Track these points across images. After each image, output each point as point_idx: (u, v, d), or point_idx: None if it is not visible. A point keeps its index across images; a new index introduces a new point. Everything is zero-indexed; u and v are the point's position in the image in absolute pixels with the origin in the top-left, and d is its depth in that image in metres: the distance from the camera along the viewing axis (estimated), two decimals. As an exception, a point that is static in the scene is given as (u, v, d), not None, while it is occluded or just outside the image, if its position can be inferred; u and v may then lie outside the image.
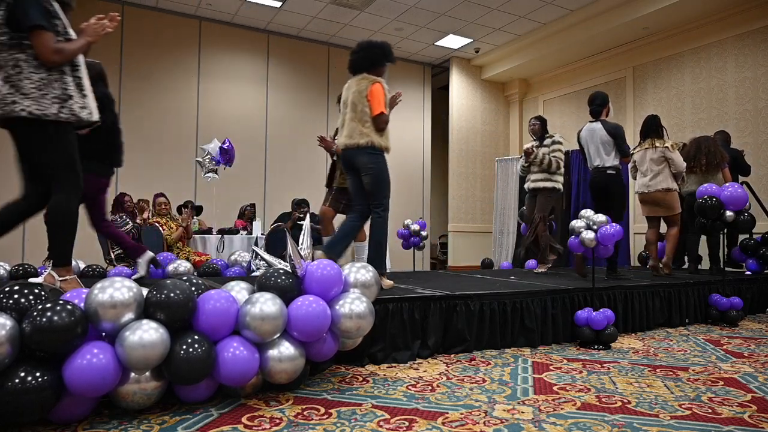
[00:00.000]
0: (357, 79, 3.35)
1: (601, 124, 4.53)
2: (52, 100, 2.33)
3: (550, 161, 4.89)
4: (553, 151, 4.92)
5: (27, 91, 2.29)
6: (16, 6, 2.27)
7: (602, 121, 4.55)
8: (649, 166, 4.81)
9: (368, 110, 3.23)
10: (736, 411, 2.07)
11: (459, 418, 1.96)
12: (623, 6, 7.01)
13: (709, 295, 4.32)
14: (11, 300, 1.80)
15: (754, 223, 4.96)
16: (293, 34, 8.50)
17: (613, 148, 4.47)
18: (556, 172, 4.93)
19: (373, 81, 3.28)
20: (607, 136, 4.46)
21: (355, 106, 3.27)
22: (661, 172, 4.74)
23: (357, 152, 3.25)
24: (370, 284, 2.42)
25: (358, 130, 3.24)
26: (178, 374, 1.92)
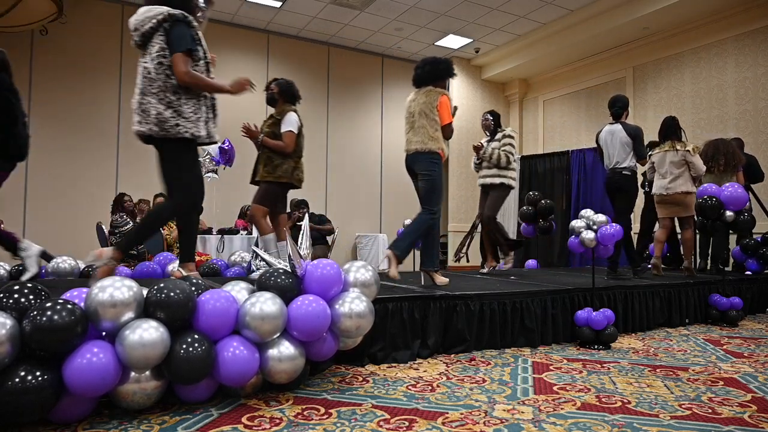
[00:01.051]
0: (424, 91, 3.67)
1: (621, 126, 4.62)
2: (203, 124, 2.71)
3: (499, 156, 4.69)
4: (504, 145, 4.74)
5: (187, 116, 2.64)
6: (172, 29, 2.63)
7: (623, 123, 4.63)
8: (669, 168, 4.84)
9: (437, 119, 3.58)
10: (736, 411, 2.07)
11: (459, 418, 1.96)
12: (623, 6, 7.01)
13: (709, 295, 4.32)
14: (11, 299, 1.80)
15: (754, 223, 4.97)
16: (293, 34, 8.51)
17: (631, 150, 4.55)
18: (508, 168, 4.74)
19: (442, 93, 3.63)
20: (627, 137, 4.54)
21: (426, 115, 3.59)
22: (682, 175, 4.78)
23: (423, 156, 3.59)
24: (369, 283, 2.42)
25: (429, 136, 3.58)
26: (178, 374, 1.92)
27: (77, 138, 6.90)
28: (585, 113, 8.75)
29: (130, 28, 2.77)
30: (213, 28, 8.02)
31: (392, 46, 9.01)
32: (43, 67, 6.83)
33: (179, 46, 2.60)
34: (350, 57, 9.04)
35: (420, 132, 3.61)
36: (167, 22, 2.64)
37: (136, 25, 2.72)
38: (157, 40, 2.64)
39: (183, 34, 2.63)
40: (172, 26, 2.63)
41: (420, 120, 3.61)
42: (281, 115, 3.88)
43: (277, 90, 3.99)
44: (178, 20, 2.65)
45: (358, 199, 9.08)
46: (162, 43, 2.63)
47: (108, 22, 7.25)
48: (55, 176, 6.77)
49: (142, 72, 2.69)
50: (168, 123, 2.59)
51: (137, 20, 2.71)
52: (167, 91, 2.61)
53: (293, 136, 3.84)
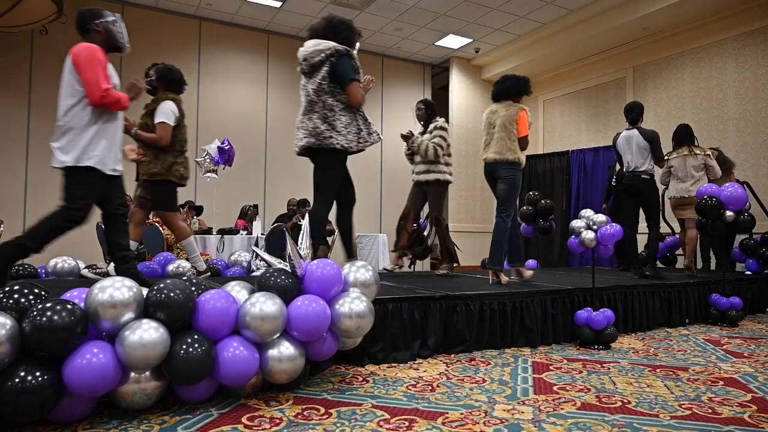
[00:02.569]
0: (504, 105, 4.02)
1: (638, 131, 4.79)
2: (355, 137, 3.15)
3: (427, 148, 4.42)
4: (434, 137, 4.46)
5: (339, 129, 3.08)
6: (338, 62, 3.10)
7: (639, 129, 4.81)
8: (690, 172, 5.05)
9: (516, 132, 3.92)
10: (736, 411, 2.07)
11: (459, 418, 1.96)
12: (623, 6, 7.01)
13: (709, 295, 4.32)
14: (11, 299, 1.80)
15: (754, 223, 4.97)
16: (293, 34, 8.50)
17: (648, 154, 4.73)
18: (440, 162, 4.47)
19: (521, 108, 3.97)
20: (644, 142, 4.71)
21: (506, 127, 3.93)
22: (701, 179, 5.01)
23: (503, 165, 3.93)
24: (369, 283, 2.42)
25: (507, 147, 3.91)
26: (178, 374, 1.92)
27: (77, 138, 6.90)
28: (585, 113, 8.74)
29: (299, 57, 3.24)
30: (213, 28, 8.04)
31: (392, 46, 9.01)
32: (43, 67, 6.83)
33: (348, 76, 3.10)
34: (350, 57, 9.04)
35: (500, 143, 3.95)
36: (334, 56, 3.11)
37: (305, 55, 3.19)
38: (323, 70, 3.12)
39: (348, 66, 3.12)
40: (338, 59, 3.11)
41: (500, 132, 3.96)
42: (156, 104, 3.53)
43: (155, 76, 3.63)
44: (342, 54, 3.13)
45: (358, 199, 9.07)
46: (326, 72, 3.11)
47: (108, 22, 7.25)
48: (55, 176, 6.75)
49: (306, 95, 3.18)
50: (323, 135, 3.07)
51: (307, 52, 3.18)
52: (325, 110, 3.10)
53: (167, 128, 3.47)
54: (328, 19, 3.25)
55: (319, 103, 3.11)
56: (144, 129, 3.53)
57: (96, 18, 2.79)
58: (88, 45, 2.71)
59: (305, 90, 3.20)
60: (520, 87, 4.07)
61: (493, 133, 4.02)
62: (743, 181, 5.77)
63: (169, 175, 3.56)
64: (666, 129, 7.34)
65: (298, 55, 3.25)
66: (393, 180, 9.28)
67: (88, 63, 2.64)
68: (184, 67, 8.05)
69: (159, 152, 3.53)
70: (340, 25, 3.26)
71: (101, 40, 2.80)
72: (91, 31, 2.79)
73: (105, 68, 2.70)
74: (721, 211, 4.36)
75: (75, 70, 2.68)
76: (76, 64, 2.67)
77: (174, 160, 3.58)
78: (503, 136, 3.94)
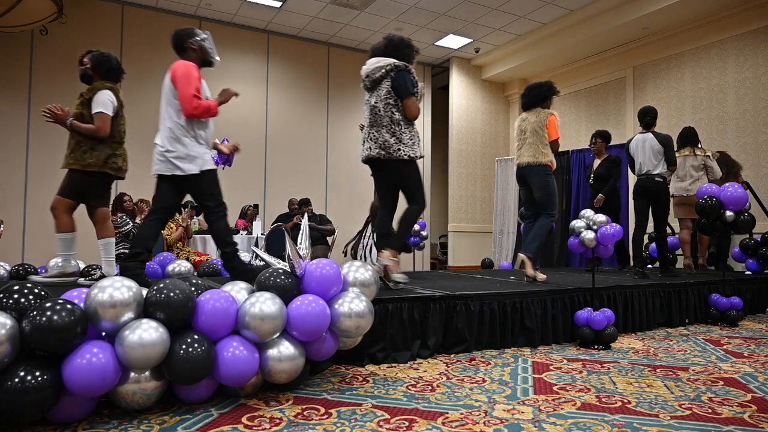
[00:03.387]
0: (534, 112, 4.23)
1: (652, 135, 4.88)
2: (418, 146, 3.38)
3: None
4: None
5: (405, 141, 3.30)
6: (397, 77, 3.28)
7: (654, 133, 4.90)
8: (689, 171, 5.23)
9: (546, 136, 4.13)
10: (736, 411, 2.07)
11: (459, 418, 1.96)
12: (623, 6, 7.01)
13: (709, 295, 4.32)
14: (11, 299, 1.80)
15: (754, 223, 4.97)
16: (293, 34, 8.50)
17: (662, 157, 4.81)
18: None
19: (550, 113, 4.18)
20: (658, 145, 4.80)
21: (537, 132, 4.15)
22: (700, 179, 5.15)
23: (536, 169, 4.15)
24: (369, 283, 2.42)
25: (541, 152, 4.13)
26: (177, 374, 1.92)
27: (77, 138, 6.90)
28: (585, 113, 8.74)
29: (362, 75, 3.46)
30: (213, 28, 8.03)
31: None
32: (43, 67, 6.83)
33: (406, 91, 3.28)
34: (350, 57, 9.03)
35: (532, 148, 4.16)
36: (393, 71, 3.30)
37: (367, 72, 3.41)
38: (385, 85, 3.31)
39: (407, 81, 3.29)
40: (397, 74, 3.29)
41: (531, 137, 4.17)
42: (92, 93, 3.35)
43: (90, 64, 3.42)
44: (401, 70, 3.31)
45: (358, 199, 9.08)
46: (388, 87, 3.30)
47: (108, 22, 7.25)
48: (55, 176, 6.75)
49: (371, 109, 3.39)
50: (391, 147, 3.28)
51: (369, 69, 3.41)
52: (392, 123, 3.29)
53: (107, 118, 3.31)
54: (389, 38, 3.47)
55: (386, 117, 3.31)
56: (79, 119, 3.33)
57: (191, 37, 3.11)
58: (185, 63, 3.01)
59: (369, 104, 3.43)
60: (543, 93, 4.26)
61: (525, 139, 4.24)
62: (743, 181, 5.77)
63: (106, 168, 3.38)
64: (666, 129, 7.33)
65: (361, 73, 3.48)
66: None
67: (183, 79, 2.93)
68: (184, 67, 8.06)
69: (96, 143, 3.33)
70: (400, 43, 3.45)
71: (196, 56, 3.12)
72: (187, 49, 3.11)
73: (198, 83, 2.99)
74: (721, 211, 4.36)
75: (173, 85, 2.97)
76: (173, 79, 2.96)
77: (112, 152, 3.41)
78: (535, 141, 4.15)
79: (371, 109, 3.39)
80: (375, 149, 3.33)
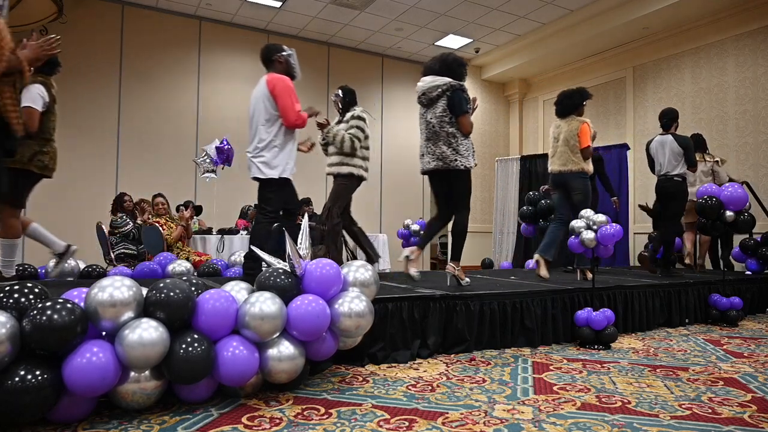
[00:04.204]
0: (567, 120, 4.48)
1: (672, 137, 4.96)
2: (472, 156, 3.59)
3: (343, 139, 4.06)
4: (351, 127, 4.12)
5: (462, 153, 3.52)
6: (453, 95, 3.49)
7: (673, 135, 4.98)
8: (699, 176, 5.47)
9: (578, 144, 4.37)
10: (736, 411, 2.07)
11: (459, 418, 1.96)
12: (623, 6, 7.01)
13: (709, 295, 4.32)
14: (11, 299, 1.80)
15: (754, 223, 4.97)
16: (293, 34, 8.50)
17: (682, 158, 4.88)
18: (355, 155, 4.12)
19: (582, 122, 4.41)
20: (678, 147, 4.88)
21: (568, 141, 4.40)
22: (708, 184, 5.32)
23: (571, 176, 4.41)
24: (369, 283, 2.42)
25: (571, 160, 4.38)
26: (177, 374, 1.92)
27: (77, 138, 6.90)
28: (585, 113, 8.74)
29: (418, 92, 3.64)
30: (213, 28, 8.04)
31: (392, 46, 9.01)
32: (43, 67, 6.82)
33: (461, 109, 3.48)
34: (350, 57, 9.03)
35: (563, 156, 4.42)
36: (449, 90, 3.50)
37: (423, 90, 3.59)
38: (441, 102, 3.51)
39: (462, 99, 3.50)
40: (453, 93, 3.49)
41: (563, 145, 4.44)
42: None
43: None
44: (457, 89, 3.51)
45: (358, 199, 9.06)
46: (444, 105, 3.50)
47: (108, 22, 7.25)
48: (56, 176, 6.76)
49: (427, 124, 3.61)
50: (449, 158, 3.50)
51: (425, 87, 3.58)
52: (449, 137, 3.50)
53: (35, 113, 3.15)
54: (442, 59, 3.64)
55: (443, 132, 3.53)
56: None
57: (279, 51, 3.41)
58: (280, 76, 3.28)
59: (424, 119, 3.65)
60: (576, 101, 4.52)
61: (557, 146, 4.49)
62: (743, 181, 5.77)
63: (30, 165, 3.20)
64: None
65: (417, 90, 3.67)
66: (393, 181, 9.28)
67: (284, 92, 3.21)
68: (184, 67, 8.08)
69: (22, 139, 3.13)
70: (453, 62, 3.62)
71: (281, 69, 3.39)
72: (274, 62, 3.39)
73: (295, 95, 3.26)
74: (721, 211, 4.35)
75: (271, 97, 3.24)
76: (272, 92, 3.24)
77: (39, 149, 3.23)
78: (566, 149, 4.41)
79: (427, 124, 3.62)
80: (434, 162, 3.59)
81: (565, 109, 4.52)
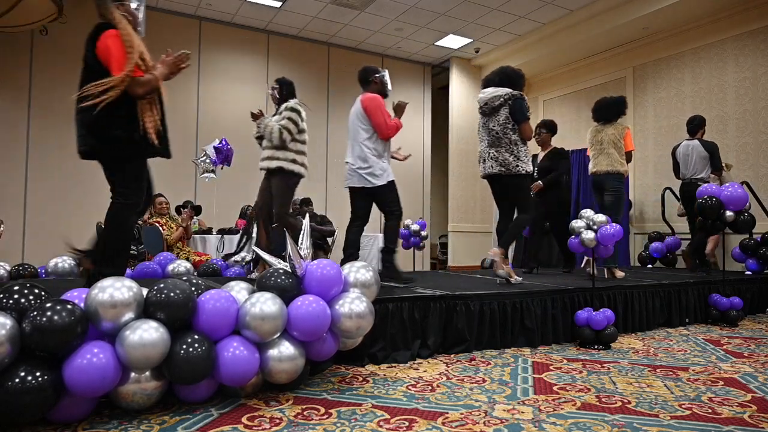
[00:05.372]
0: (612, 125, 4.73)
1: (699, 142, 5.25)
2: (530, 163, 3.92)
3: (272, 130, 3.83)
4: (283, 119, 3.87)
5: (522, 158, 3.85)
6: (514, 104, 3.84)
7: (700, 140, 5.27)
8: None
9: (623, 147, 4.65)
10: (736, 411, 2.07)
11: (459, 418, 1.96)
12: (623, 6, 7.01)
13: (709, 295, 4.32)
14: (11, 299, 1.80)
15: (754, 223, 4.97)
16: (293, 34, 8.50)
17: (707, 163, 5.18)
18: (286, 148, 3.84)
19: (625, 127, 4.71)
20: (704, 152, 5.18)
21: (614, 144, 4.65)
22: None
23: (610, 176, 4.63)
24: (369, 284, 2.42)
25: (618, 161, 4.63)
26: (178, 374, 1.92)
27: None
28: (585, 113, 8.72)
29: (480, 102, 4.04)
30: (213, 28, 8.04)
31: (392, 46, 9.01)
32: (43, 67, 6.82)
33: (523, 116, 3.84)
34: (350, 57, 9.03)
35: (610, 157, 4.64)
36: (511, 99, 3.84)
37: (486, 100, 3.97)
38: (503, 111, 3.86)
39: (523, 107, 3.85)
40: (514, 102, 3.83)
41: (609, 147, 4.66)
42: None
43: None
44: (518, 98, 3.86)
45: (358, 199, 9.08)
46: (506, 113, 3.84)
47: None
48: (55, 176, 6.77)
49: (489, 131, 3.95)
50: (511, 164, 3.84)
51: (488, 97, 3.96)
52: (511, 144, 3.84)
53: None
54: (501, 71, 4.02)
55: (505, 139, 3.86)
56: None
57: (375, 73, 3.80)
58: (373, 96, 3.68)
59: (486, 127, 3.99)
60: (620, 108, 4.77)
61: (603, 149, 4.71)
62: (743, 181, 5.77)
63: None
64: (666, 129, 7.35)
65: (478, 100, 4.05)
66: (393, 180, 9.28)
67: (377, 111, 3.61)
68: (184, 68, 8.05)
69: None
70: (513, 74, 3.99)
71: (376, 88, 3.77)
72: (371, 83, 3.79)
73: (386, 110, 3.68)
74: (721, 211, 4.35)
75: (365, 114, 3.65)
76: (366, 110, 3.64)
77: None
78: (612, 151, 4.64)
79: (489, 132, 3.95)
80: (496, 167, 3.90)
81: (610, 114, 4.75)
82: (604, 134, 4.70)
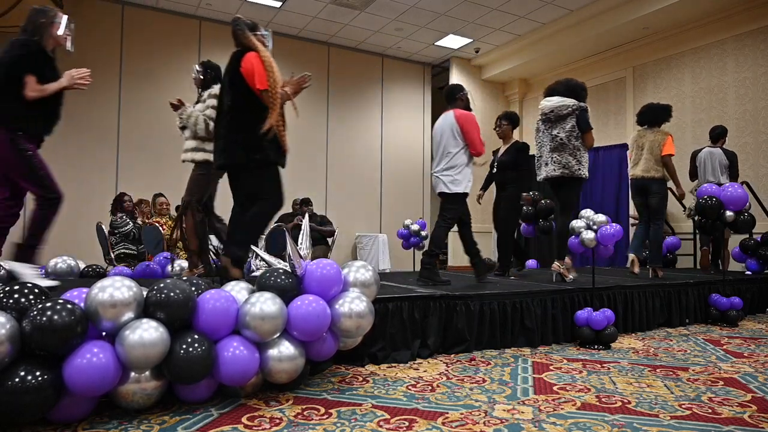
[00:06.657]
0: (653, 131, 4.97)
1: (721, 150, 5.43)
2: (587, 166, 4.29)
3: (196, 121, 3.61)
4: (207, 108, 3.65)
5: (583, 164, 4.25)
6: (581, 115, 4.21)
7: (722, 149, 5.45)
8: None
9: (659, 154, 4.85)
10: (736, 411, 2.07)
11: (459, 418, 1.96)
12: (623, 6, 7.01)
13: (709, 295, 4.32)
14: (11, 299, 1.80)
15: (754, 223, 4.97)
16: (293, 34, 8.50)
17: (726, 171, 5.36)
18: (210, 139, 3.53)
19: (666, 134, 4.91)
20: (726, 160, 5.37)
21: (652, 150, 4.88)
22: None
23: (652, 182, 4.89)
24: (369, 283, 2.42)
25: (654, 167, 4.86)
26: (178, 374, 1.92)
27: (77, 138, 6.90)
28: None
29: (545, 110, 4.31)
30: (213, 28, 8.04)
31: (392, 46, 9.01)
32: (43, 67, 6.82)
33: (588, 126, 4.20)
34: (350, 57, 9.03)
35: (647, 163, 4.88)
36: (578, 110, 4.20)
37: (552, 108, 4.25)
38: (570, 120, 4.20)
39: (587, 118, 4.22)
40: (580, 113, 4.20)
41: (647, 153, 4.90)
42: None
43: None
44: (584, 110, 4.22)
45: (358, 199, 9.08)
46: (573, 122, 4.19)
47: (108, 22, 7.25)
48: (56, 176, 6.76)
49: (552, 138, 4.26)
50: (573, 168, 4.19)
51: (555, 106, 4.24)
52: (574, 150, 4.19)
53: None
54: (567, 83, 4.31)
55: (569, 145, 4.19)
56: None
57: (461, 91, 4.09)
58: (468, 114, 3.93)
59: (548, 133, 4.32)
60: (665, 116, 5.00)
61: (642, 154, 4.94)
62: (743, 181, 5.77)
63: None
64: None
65: (542, 108, 4.34)
66: (393, 180, 9.28)
67: (473, 128, 3.90)
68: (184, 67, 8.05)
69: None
70: (576, 87, 4.29)
71: (462, 106, 4.02)
72: (457, 100, 4.04)
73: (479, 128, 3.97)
74: (721, 211, 4.35)
75: (460, 129, 3.87)
76: (461, 125, 3.86)
77: None
78: (649, 157, 4.86)
79: (553, 138, 4.27)
80: (559, 170, 4.24)
81: (654, 119, 4.96)
82: (645, 139, 4.92)
